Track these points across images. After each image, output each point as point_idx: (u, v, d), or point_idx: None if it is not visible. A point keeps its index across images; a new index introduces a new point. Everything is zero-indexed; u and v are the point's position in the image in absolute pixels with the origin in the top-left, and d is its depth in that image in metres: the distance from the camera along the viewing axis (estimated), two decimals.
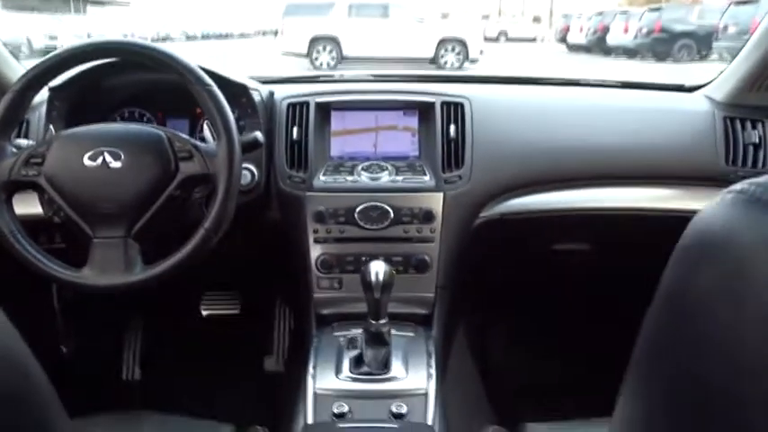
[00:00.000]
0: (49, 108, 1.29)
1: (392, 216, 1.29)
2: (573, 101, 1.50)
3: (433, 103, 1.36)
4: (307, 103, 1.37)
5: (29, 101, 1.09)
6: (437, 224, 1.30)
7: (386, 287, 1.05)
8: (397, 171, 1.34)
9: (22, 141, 1.18)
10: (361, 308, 1.11)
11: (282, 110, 1.37)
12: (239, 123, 1.19)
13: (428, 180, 1.32)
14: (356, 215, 1.29)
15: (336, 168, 1.35)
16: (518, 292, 1.85)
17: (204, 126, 1.27)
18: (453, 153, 1.33)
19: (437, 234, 1.30)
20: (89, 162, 1.06)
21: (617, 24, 14.94)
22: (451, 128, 1.34)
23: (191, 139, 1.10)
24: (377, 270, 1.05)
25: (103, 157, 1.06)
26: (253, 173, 1.29)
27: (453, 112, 1.36)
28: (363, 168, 1.34)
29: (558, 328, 1.83)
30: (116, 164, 1.06)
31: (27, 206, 1.16)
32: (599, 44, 15.71)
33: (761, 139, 1.37)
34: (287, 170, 1.33)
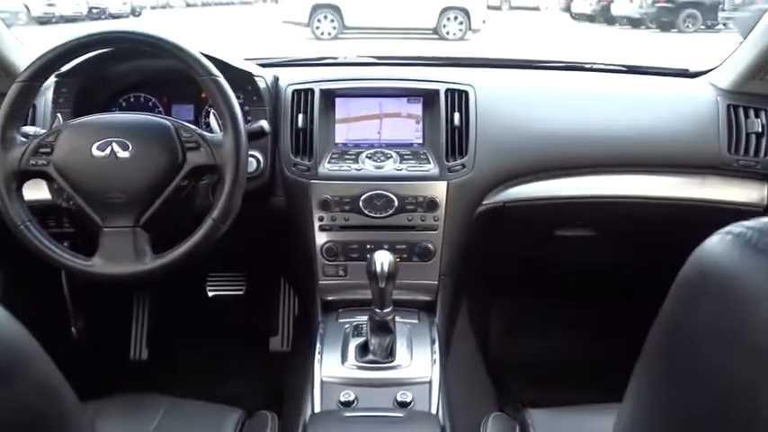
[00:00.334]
0: (56, 95, 1.29)
1: (396, 204, 1.31)
2: (576, 88, 1.50)
3: (437, 91, 1.37)
4: (311, 90, 1.37)
5: (36, 91, 1.10)
6: (441, 212, 1.32)
7: (390, 277, 1.07)
8: (402, 159, 1.35)
9: (30, 129, 1.19)
10: (366, 294, 1.13)
11: (287, 97, 1.37)
12: (244, 109, 1.20)
13: (432, 168, 1.33)
14: (361, 203, 1.31)
15: (341, 156, 1.36)
16: (520, 278, 1.88)
17: (210, 115, 1.28)
18: (457, 141, 1.34)
19: (440, 222, 1.32)
20: (97, 152, 1.07)
21: None
22: (456, 116, 1.34)
23: (197, 130, 1.11)
24: (382, 260, 1.07)
25: (112, 147, 1.07)
26: (258, 160, 1.30)
27: (458, 99, 1.36)
28: (368, 156, 1.35)
29: (560, 314, 1.86)
30: (124, 154, 1.07)
31: (36, 192, 1.18)
32: (603, 13, 15.47)
33: (763, 128, 1.37)
34: (292, 157, 1.35)
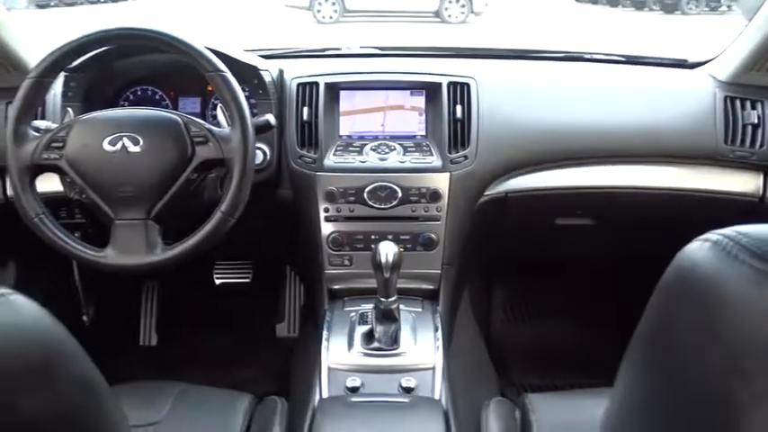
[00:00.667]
0: (65, 89, 1.32)
1: (400, 195, 1.34)
2: (576, 79, 1.52)
3: (439, 84, 1.39)
4: (316, 84, 1.40)
5: (47, 87, 1.13)
6: (443, 203, 1.35)
7: (395, 267, 1.11)
8: (405, 151, 1.38)
9: (41, 123, 1.21)
10: (371, 283, 1.17)
11: (292, 90, 1.40)
12: (250, 102, 1.22)
13: (435, 160, 1.36)
14: (365, 194, 1.34)
15: (346, 148, 1.39)
16: (521, 266, 1.92)
17: (218, 109, 1.30)
18: (459, 133, 1.37)
19: (443, 213, 1.35)
20: (109, 147, 1.10)
21: None
22: (458, 108, 1.37)
23: (206, 124, 1.14)
24: (386, 251, 1.11)
25: (123, 141, 1.10)
26: (265, 153, 1.34)
27: (460, 92, 1.39)
28: (372, 148, 1.38)
29: (560, 301, 1.90)
30: (135, 148, 1.10)
31: (48, 184, 1.21)
32: None
33: (760, 119, 1.40)
34: (298, 150, 1.37)
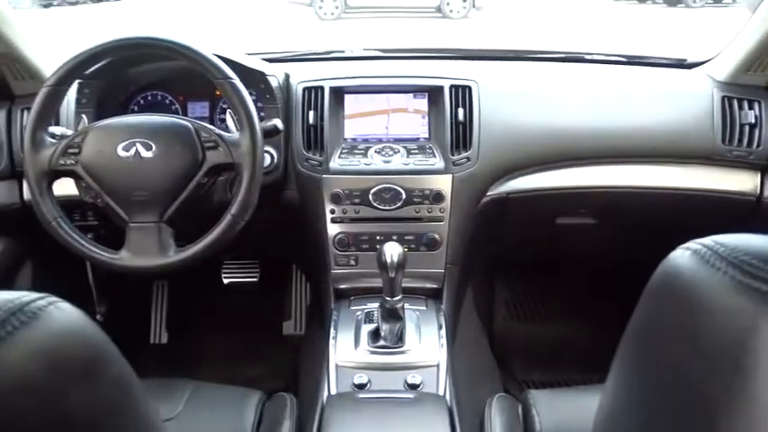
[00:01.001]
0: (79, 95, 1.36)
1: (404, 197, 1.37)
2: (576, 81, 1.55)
3: (441, 87, 1.43)
4: (321, 88, 1.43)
5: (63, 95, 1.17)
6: (446, 204, 1.38)
7: (400, 267, 1.14)
8: (408, 153, 1.41)
9: (56, 129, 1.25)
10: (376, 283, 1.20)
11: (298, 94, 1.43)
12: (257, 106, 1.26)
13: (438, 162, 1.39)
14: (370, 196, 1.37)
15: (351, 150, 1.42)
16: (523, 265, 1.95)
17: (227, 114, 1.34)
18: (461, 136, 1.40)
19: (446, 213, 1.38)
20: (123, 152, 1.14)
21: None
22: (460, 111, 1.40)
23: (216, 130, 1.18)
24: (392, 252, 1.14)
25: (136, 147, 1.14)
26: (272, 156, 1.37)
27: (461, 95, 1.42)
28: (376, 151, 1.41)
29: (562, 298, 1.93)
30: (148, 154, 1.14)
31: (62, 187, 1.25)
32: None
33: (757, 119, 1.42)
34: (304, 152, 1.41)
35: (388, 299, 1.17)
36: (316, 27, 9.81)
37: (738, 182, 1.44)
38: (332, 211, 1.39)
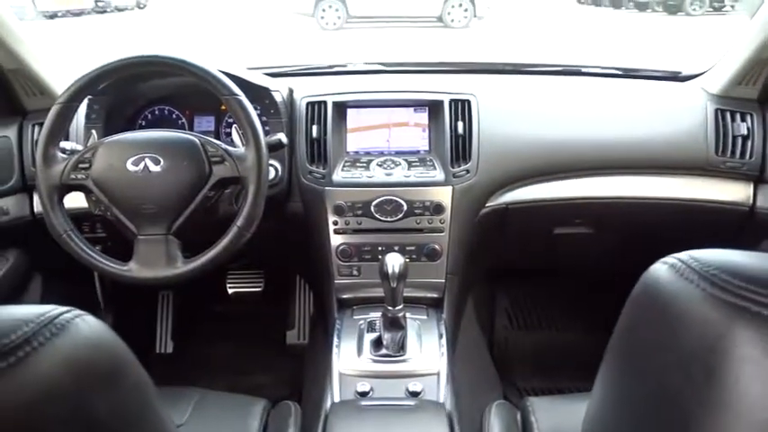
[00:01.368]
0: (89, 111, 1.40)
1: (405, 209, 1.40)
2: (572, 94, 1.58)
3: (441, 101, 1.46)
4: (324, 102, 1.47)
5: (74, 111, 1.21)
6: (447, 215, 1.41)
7: (401, 277, 1.17)
8: (409, 166, 1.44)
9: (67, 144, 1.29)
10: (379, 292, 1.23)
11: (302, 108, 1.47)
12: (261, 120, 1.29)
13: (438, 174, 1.43)
14: (372, 208, 1.41)
15: (353, 163, 1.46)
16: (522, 274, 1.98)
17: (232, 128, 1.37)
18: (461, 148, 1.43)
19: (447, 225, 1.42)
20: (132, 167, 1.17)
21: None
22: (459, 124, 1.44)
23: (222, 145, 1.21)
24: (393, 262, 1.17)
25: (145, 162, 1.17)
26: (277, 169, 1.41)
27: (461, 109, 1.46)
28: (378, 164, 1.45)
29: (560, 307, 1.96)
30: (156, 168, 1.17)
31: (72, 200, 1.28)
32: None
33: (749, 131, 1.46)
34: (308, 166, 1.44)
35: (389, 308, 1.20)
36: (318, 37, 9.88)
37: (732, 192, 1.47)
38: (335, 223, 1.43)
